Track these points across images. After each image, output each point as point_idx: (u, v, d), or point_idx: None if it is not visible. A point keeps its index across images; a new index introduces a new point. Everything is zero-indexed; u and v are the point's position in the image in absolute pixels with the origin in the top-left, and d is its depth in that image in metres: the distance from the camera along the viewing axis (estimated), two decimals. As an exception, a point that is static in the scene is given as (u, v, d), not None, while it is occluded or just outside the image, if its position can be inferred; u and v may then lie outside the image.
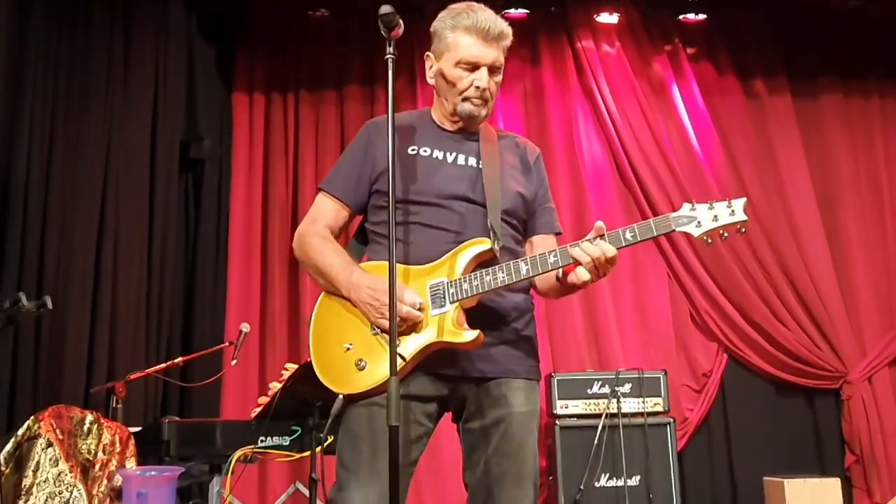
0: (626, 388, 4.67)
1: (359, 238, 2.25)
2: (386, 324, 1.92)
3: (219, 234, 5.29)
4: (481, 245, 2.01)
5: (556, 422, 4.58)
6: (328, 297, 2.10)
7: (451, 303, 1.97)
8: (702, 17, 5.40)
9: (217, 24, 5.38)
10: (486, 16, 2.10)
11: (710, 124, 5.56)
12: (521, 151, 2.25)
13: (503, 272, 1.96)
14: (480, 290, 1.97)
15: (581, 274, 1.94)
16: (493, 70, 2.11)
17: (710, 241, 1.94)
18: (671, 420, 4.65)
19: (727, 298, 5.30)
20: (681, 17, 5.44)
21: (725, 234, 1.93)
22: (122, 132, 4.61)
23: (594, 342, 5.27)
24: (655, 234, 1.92)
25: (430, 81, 2.20)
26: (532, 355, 2.15)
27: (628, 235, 1.92)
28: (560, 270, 2.00)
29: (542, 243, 2.20)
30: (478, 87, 2.10)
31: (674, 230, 1.93)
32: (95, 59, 4.57)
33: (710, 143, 5.54)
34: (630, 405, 4.63)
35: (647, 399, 4.66)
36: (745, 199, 1.93)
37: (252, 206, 5.37)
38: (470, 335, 1.95)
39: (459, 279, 1.98)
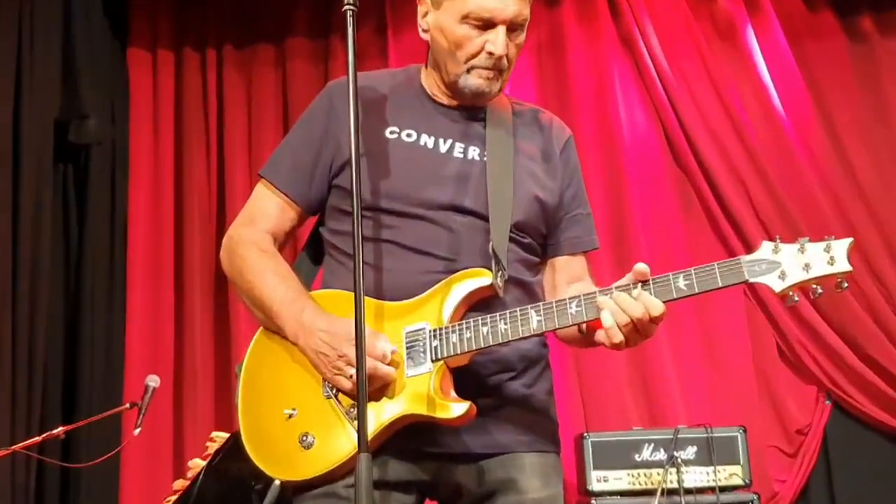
0: (690, 452, 4.66)
1: (311, 251, 2.26)
2: (344, 383, 1.93)
3: (113, 251, 5.30)
4: (478, 279, 2.01)
5: (593, 501, 4.57)
6: (267, 338, 2.11)
7: (433, 361, 1.95)
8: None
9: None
10: None
11: (800, 80, 5.55)
12: (545, 134, 2.26)
13: (506, 323, 1.94)
14: (473, 348, 1.95)
15: (612, 335, 1.91)
16: (513, 28, 2.09)
17: (796, 298, 1.90)
18: (754, 496, 4.63)
19: (829, 324, 5.28)
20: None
21: (820, 291, 1.88)
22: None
23: (642, 390, 5.29)
24: (721, 284, 1.88)
25: (423, 36, 2.19)
26: (547, 420, 2.17)
27: (682, 285, 1.90)
28: (584, 324, 1.97)
29: (566, 267, 2.23)
30: (491, 54, 2.08)
31: (747, 281, 1.89)
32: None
33: (801, 106, 5.53)
34: (695, 476, 4.62)
35: (719, 468, 4.64)
36: (850, 241, 1.87)
37: (160, 208, 5.39)
38: (457, 409, 1.92)
39: (447, 328, 1.96)
